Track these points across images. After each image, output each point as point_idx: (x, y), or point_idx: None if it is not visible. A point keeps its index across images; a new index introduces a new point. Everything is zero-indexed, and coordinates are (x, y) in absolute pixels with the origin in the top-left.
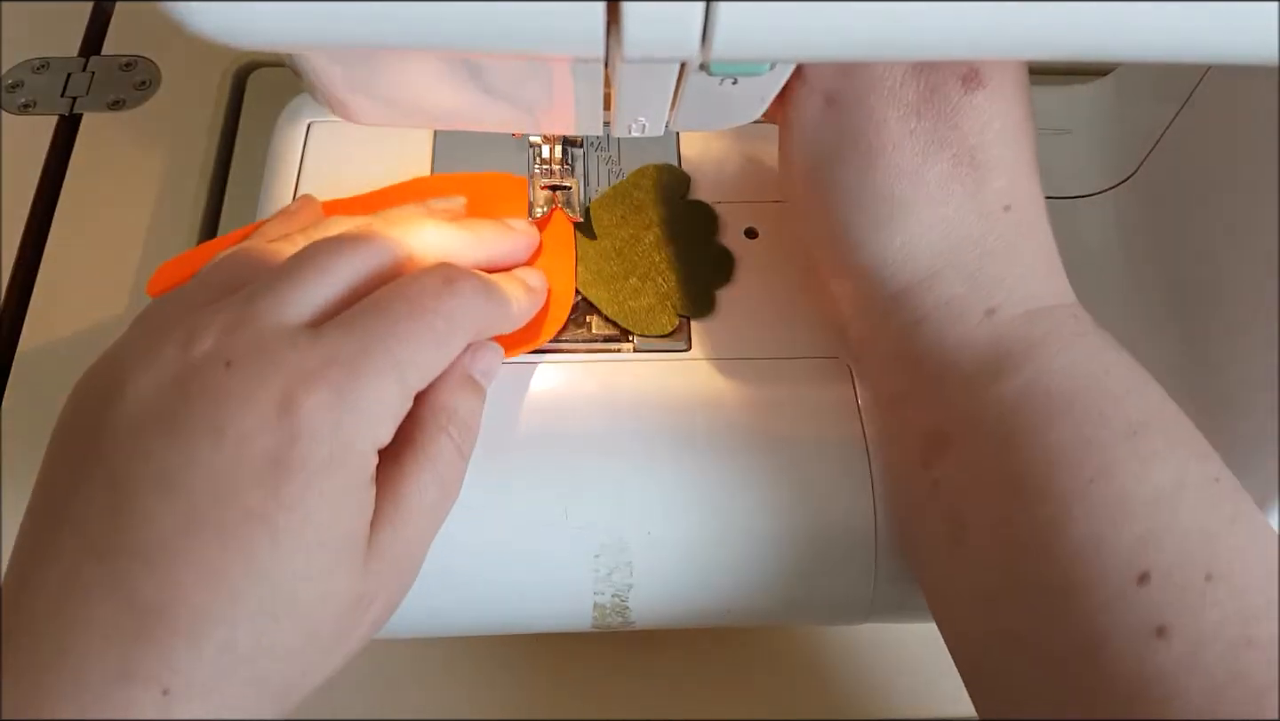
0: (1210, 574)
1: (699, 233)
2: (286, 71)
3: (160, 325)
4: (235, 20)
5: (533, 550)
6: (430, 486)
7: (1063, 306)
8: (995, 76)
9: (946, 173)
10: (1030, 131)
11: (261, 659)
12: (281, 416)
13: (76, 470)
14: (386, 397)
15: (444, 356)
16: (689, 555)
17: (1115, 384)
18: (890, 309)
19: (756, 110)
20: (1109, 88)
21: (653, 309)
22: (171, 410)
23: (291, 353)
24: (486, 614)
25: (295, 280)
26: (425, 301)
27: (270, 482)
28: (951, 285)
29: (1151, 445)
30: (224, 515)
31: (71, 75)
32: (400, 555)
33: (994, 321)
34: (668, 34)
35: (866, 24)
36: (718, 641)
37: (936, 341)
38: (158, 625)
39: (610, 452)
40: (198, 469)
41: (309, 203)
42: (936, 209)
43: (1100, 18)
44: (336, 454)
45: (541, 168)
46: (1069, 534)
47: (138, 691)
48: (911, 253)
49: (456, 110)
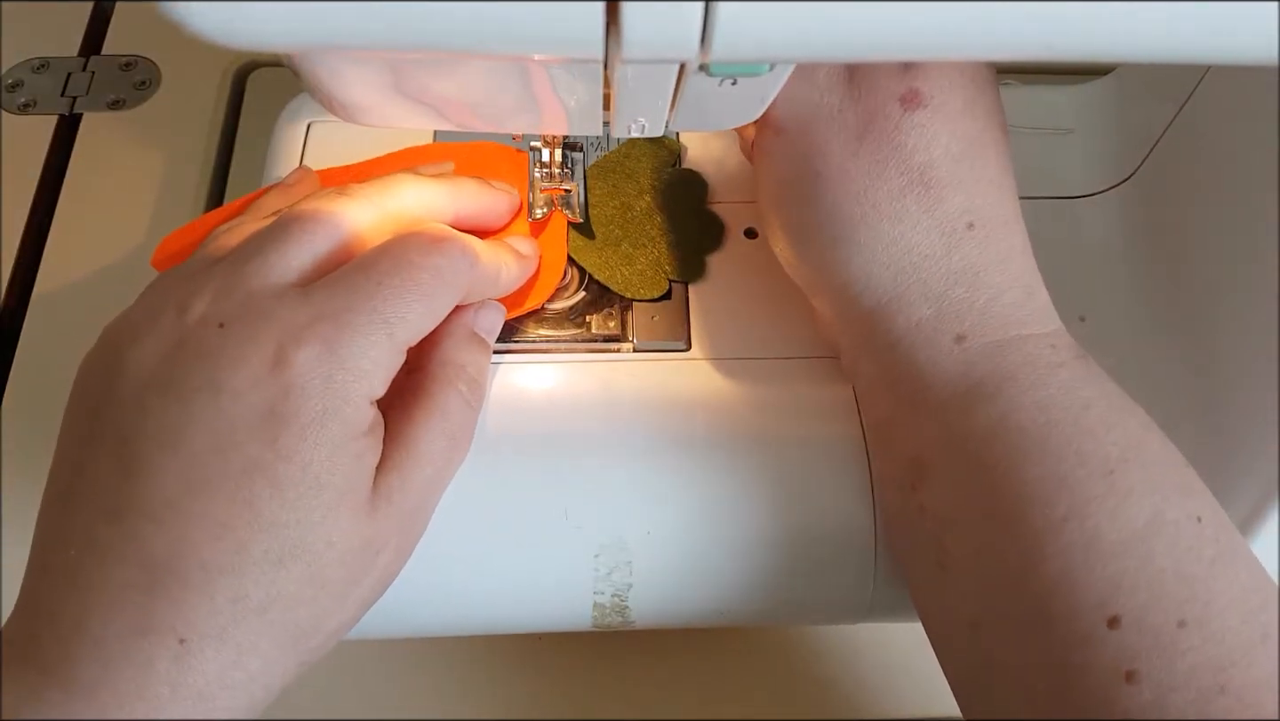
0: (1184, 619)
1: (690, 200)
2: (286, 71)
3: (158, 296)
4: (235, 20)
5: (532, 550)
6: (440, 437)
7: (1039, 336)
8: (938, 95)
9: (896, 191)
10: (993, 147)
11: (273, 607)
12: (274, 371)
13: (85, 441)
14: (375, 351)
15: (431, 312)
16: (689, 555)
17: (1094, 420)
18: (867, 331)
19: (756, 110)
20: (1110, 87)
21: (644, 274)
22: (169, 372)
23: (281, 311)
24: (487, 613)
25: (280, 243)
26: (410, 257)
27: (267, 435)
28: (918, 307)
29: (1129, 483)
30: (225, 468)
31: (71, 75)
32: (409, 503)
33: (964, 349)
34: (667, 34)
35: (866, 24)
36: (717, 641)
37: (910, 366)
38: (170, 579)
39: (610, 452)
40: (198, 426)
41: (306, 174)
42: (890, 227)
43: (1100, 17)
44: (329, 406)
45: (542, 171)
46: (1041, 572)
47: (154, 644)
48: (871, 271)
49: (456, 110)
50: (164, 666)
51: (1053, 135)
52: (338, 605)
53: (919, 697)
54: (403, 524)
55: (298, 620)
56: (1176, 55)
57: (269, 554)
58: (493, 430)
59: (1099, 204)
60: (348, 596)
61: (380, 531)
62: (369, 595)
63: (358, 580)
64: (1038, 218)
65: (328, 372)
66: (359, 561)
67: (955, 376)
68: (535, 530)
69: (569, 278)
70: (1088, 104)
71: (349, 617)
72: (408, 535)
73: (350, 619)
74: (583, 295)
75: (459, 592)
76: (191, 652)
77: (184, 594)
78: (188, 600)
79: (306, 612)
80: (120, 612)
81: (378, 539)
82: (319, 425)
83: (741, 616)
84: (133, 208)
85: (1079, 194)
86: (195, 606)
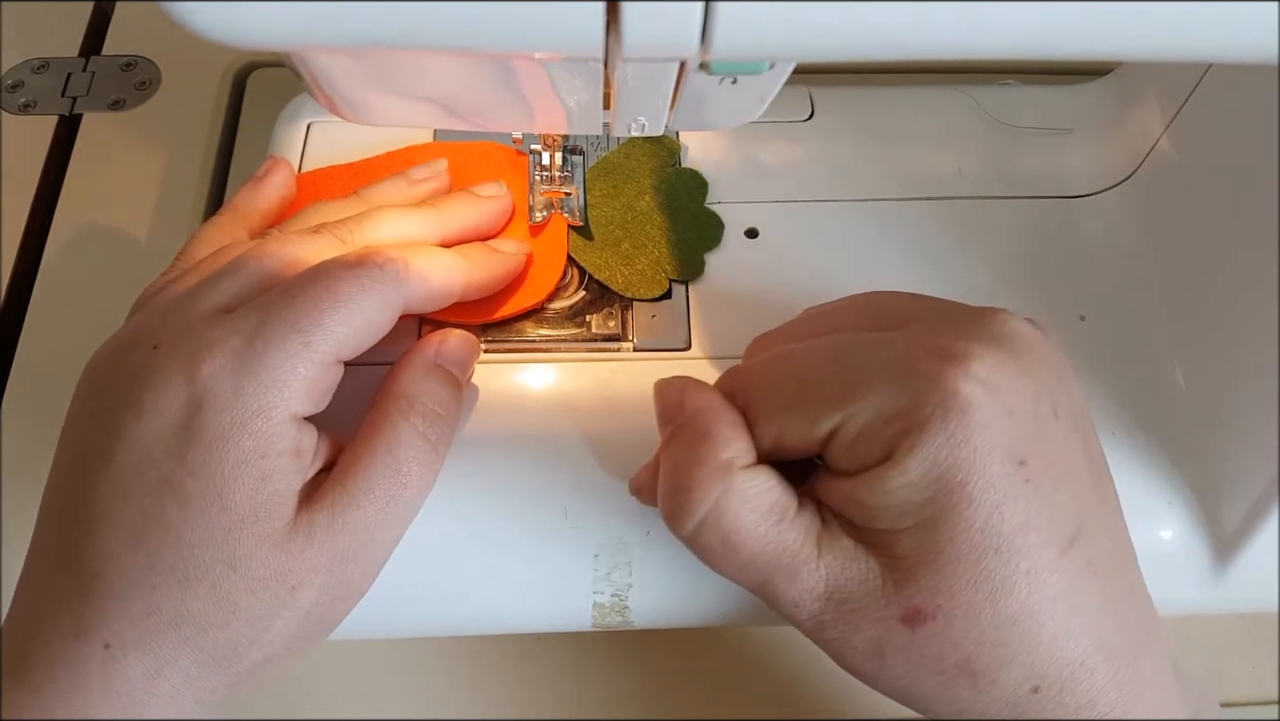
0: None
1: (690, 200)
2: (286, 71)
3: (131, 322)
4: (235, 20)
5: (532, 550)
6: (383, 474)
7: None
8: (944, 602)
9: (941, 687)
10: (1049, 612)
11: (184, 625)
12: (187, 385)
13: (58, 455)
14: (289, 362)
15: (354, 321)
16: (688, 555)
17: None
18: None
19: (756, 110)
20: (1110, 87)
21: (644, 274)
22: (111, 389)
23: (204, 330)
24: (487, 614)
25: (229, 273)
26: (329, 269)
27: (179, 450)
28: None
29: None
30: (143, 483)
31: (72, 75)
32: (340, 541)
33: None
34: (667, 33)
35: (866, 24)
36: (717, 641)
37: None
38: (96, 587)
39: (610, 452)
40: (123, 442)
41: (276, 164)
42: (947, 706)
43: (1101, 17)
44: (239, 420)
45: (541, 174)
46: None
47: (85, 647)
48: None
49: (456, 110)
50: (95, 668)
51: (1053, 135)
52: (256, 635)
53: None
54: (333, 563)
55: (214, 642)
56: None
57: (174, 571)
58: (492, 430)
59: (1099, 203)
60: (267, 629)
61: (296, 566)
62: (298, 631)
63: (276, 612)
64: (1038, 218)
65: (236, 385)
66: (271, 593)
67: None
68: (535, 530)
69: (569, 277)
70: (1087, 104)
71: (276, 650)
72: (343, 576)
73: (279, 651)
74: (583, 295)
75: (458, 593)
76: (116, 658)
77: (107, 602)
78: (111, 608)
79: (221, 637)
80: (58, 616)
81: (292, 573)
82: (226, 441)
83: (742, 616)
84: (133, 208)
85: (1079, 194)
86: (118, 615)
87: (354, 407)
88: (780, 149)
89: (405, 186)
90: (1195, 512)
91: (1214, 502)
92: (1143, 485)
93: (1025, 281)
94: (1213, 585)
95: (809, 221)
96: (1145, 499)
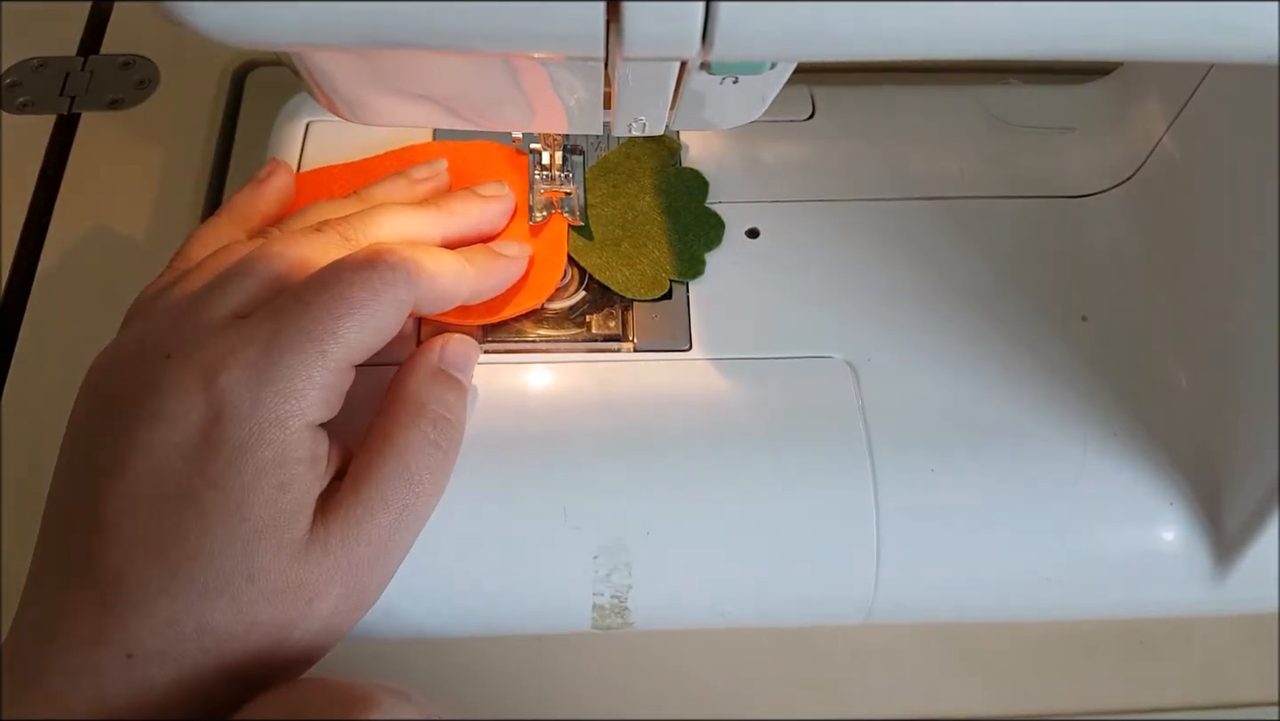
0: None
1: (690, 198)
2: (286, 71)
3: (132, 328)
4: (235, 20)
5: (531, 551)
6: (396, 482)
7: None
8: None
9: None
10: None
11: (206, 636)
12: (205, 396)
13: (62, 461)
14: (306, 370)
15: (369, 326)
16: (688, 555)
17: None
18: None
19: (757, 110)
20: (1111, 87)
21: (644, 274)
22: (122, 399)
23: (219, 339)
24: (486, 615)
25: (235, 276)
26: (341, 275)
27: (198, 461)
28: None
29: None
30: (161, 494)
31: (70, 74)
32: (356, 552)
33: None
34: (668, 33)
35: (867, 23)
36: (717, 641)
37: None
38: (117, 596)
39: (610, 452)
40: (138, 452)
41: (278, 167)
42: None
43: (1102, 16)
44: (257, 430)
45: (542, 174)
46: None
47: (106, 655)
48: None
49: (456, 110)
50: (117, 677)
51: (1055, 135)
52: (276, 647)
53: (919, 697)
54: (349, 573)
55: (235, 653)
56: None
57: (195, 581)
58: (492, 430)
59: (1100, 203)
60: (285, 640)
61: (313, 577)
62: (314, 641)
63: (294, 624)
64: (1039, 217)
65: (254, 395)
66: (289, 605)
67: None
68: (534, 531)
69: (569, 277)
70: (1089, 104)
71: (293, 659)
72: (358, 585)
73: (297, 660)
74: (583, 295)
75: (458, 594)
76: (138, 667)
77: (126, 610)
78: (131, 617)
79: (241, 648)
80: (77, 623)
81: (309, 585)
82: (246, 451)
83: (741, 616)
84: (131, 207)
85: (1080, 194)
86: (139, 625)
87: (359, 409)
88: (781, 149)
89: (406, 186)
90: (1197, 514)
91: (1216, 504)
92: (1144, 486)
93: (1027, 281)
94: (1214, 586)
95: (810, 221)
96: (1147, 500)
